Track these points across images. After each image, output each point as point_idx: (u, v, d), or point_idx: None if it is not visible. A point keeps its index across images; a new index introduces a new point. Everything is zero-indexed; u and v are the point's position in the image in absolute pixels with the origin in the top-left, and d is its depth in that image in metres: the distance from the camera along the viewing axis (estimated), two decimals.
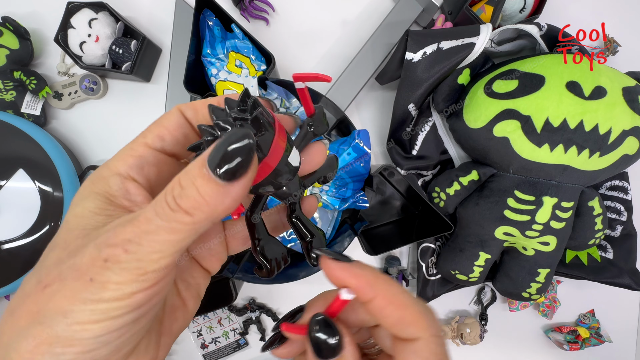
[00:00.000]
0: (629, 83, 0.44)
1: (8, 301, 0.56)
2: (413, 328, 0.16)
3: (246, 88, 0.17)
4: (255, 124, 0.16)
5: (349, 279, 0.17)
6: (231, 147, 0.14)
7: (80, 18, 0.50)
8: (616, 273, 0.51)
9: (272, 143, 0.16)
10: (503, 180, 0.47)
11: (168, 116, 0.19)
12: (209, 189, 0.14)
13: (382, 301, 0.16)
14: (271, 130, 0.16)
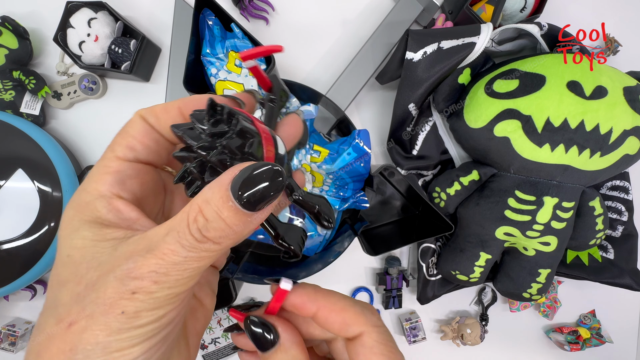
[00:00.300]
0: (630, 83, 0.44)
1: (7, 301, 0.56)
2: (355, 326, 0.18)
3: (210, 98, 0.16)
4: (241, 135, 0.16)
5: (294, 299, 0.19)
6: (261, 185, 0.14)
7: (79, 17, 0.49)
8: (617, 273, 0.51)
9: (264, 146, 0.16)
10: (504, 180, 0.47)
11: (132, 125, 0.18)
12: (237, 220, 0.15)
13: (324, 311, 0.18)
14: (257, 134, 0.16)
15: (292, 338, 0.18)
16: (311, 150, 0.47)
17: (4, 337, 0.54)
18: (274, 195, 0.15)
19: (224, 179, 0.15)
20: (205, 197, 0.15)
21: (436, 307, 0.59)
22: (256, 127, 0.16)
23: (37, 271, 0.50)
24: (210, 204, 0.15)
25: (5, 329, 0.55)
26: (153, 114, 0.18)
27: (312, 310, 0.19)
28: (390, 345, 0.18)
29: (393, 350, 0.18)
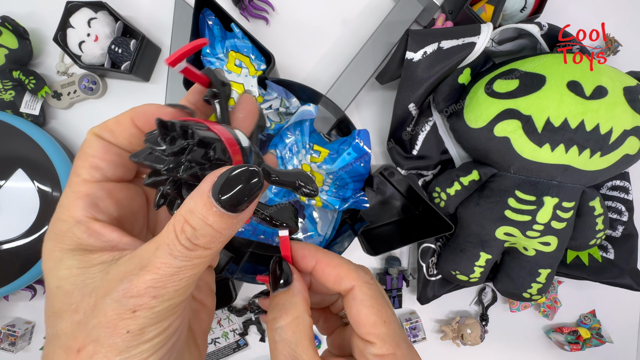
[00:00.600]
0: (630, 83, 0.44)
1: (7, 301, 0.56)
2: (347, 280, 0.20)
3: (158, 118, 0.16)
4: (202, 145, 0.16)
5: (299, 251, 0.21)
6: (241, 186, 0.15)
7: (79, 17, 0.49)
8: (617, 273, 0.51)
9: (228, 147, 0.16)
10: (504, 180, 0.47)
11: (89, 145, 0.18)
12: (223, 223, 0.15)
13: (321, 265, 0.20)
14: (217, 137, 0.16)
15: (300, 288, 0.20)
16: (311, 150, 0.47)
17: (3, 337, 0.54)
18: (255, 194, 0.15)
19: (203, 187, 0.15)
20: (188, 207, 0.15)
21: (436, 307, 0.59)
22: (213, 131, 0.16)
23: (37, 271, 0.50)
24: (195, 213, 0.15)
25: (5, 329, 0.55)
26: (106, 129, 0.18)
27: (311, 263, 0.20)
28: (379, 300, 0.19)
29: (382, 304, 0.19)
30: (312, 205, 0.50)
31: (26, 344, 0.57)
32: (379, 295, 0.20)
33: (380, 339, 0.19)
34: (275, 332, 0.19)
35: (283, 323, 0.19)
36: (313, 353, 0.19)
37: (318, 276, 0.20)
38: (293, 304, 0.19)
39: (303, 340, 0.19)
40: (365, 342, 0.19)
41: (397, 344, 0.19)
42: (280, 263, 0.21)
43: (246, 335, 0.58)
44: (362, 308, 0.19)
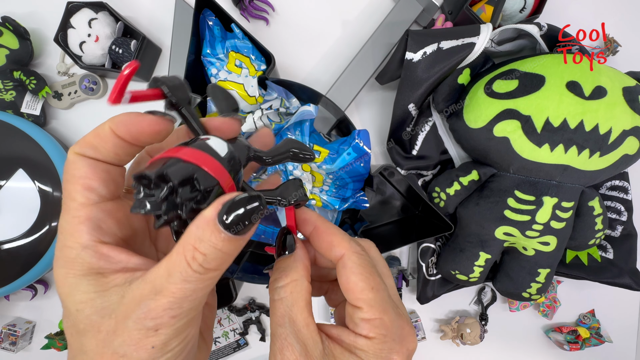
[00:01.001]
0: (629, 83, 0.44)
1: (8, 301, 0.56)
2: (338, 248, 0.20)
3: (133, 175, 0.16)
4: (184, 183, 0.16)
5: (302, 214, 0.22)
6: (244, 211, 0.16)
7: (80, 18, 0.50)
8: (616, 273, 0.51)
9: (207, 170, 0.17)
10: (503, 180, 0.47)
11: (75, 166, 0.17)
12: (232, 246, 0.16)
13: (317, 231, 0.21)
14: (194, 167, 0.16)
15: (302, 255, 0.21)
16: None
17: (4, 337, 0.54)
18: (257, 216, 0.16)
19: (207, 215, 0.16)
20: (196, 236, 0.16)
21: (436, 307, 0.59)
22: (188, 160, 0.16)
23: (37, 271, 0.50)
24: (205, 241, 0.16)
25: (6, 328, 0.55)
26: (88, 146, 0.18)
27: (309, 228, 0.21)
28: (368, 268, 0.20)
29: (371, 272, 0.20)
30: (312, 205, 0.50)
31: (27, 344, 0.57)
32: (368, 264, 0.20)
33: (368, 304, 0.19)
34: (275, 292, 0.20)
35: (282, 283, 0.20)
36: (307, 314, 0.19)
37: (314, 242, 0.21)
38: (293, 267, 0.20)
39: (299, 300, 0.19)
40: (354, 307, 0.20)
41: (384, 310, 0.19)
42: (285, 231, 0.21)
43: (246, 334, 0.59)
44: (351, 275, 0.20)
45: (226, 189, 0.17)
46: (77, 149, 0.18)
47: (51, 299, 0.58)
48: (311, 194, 0.49)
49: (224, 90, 0.22)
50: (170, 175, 0.16)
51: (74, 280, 0.17)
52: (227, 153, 0.18)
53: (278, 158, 0.21)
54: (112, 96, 0.17)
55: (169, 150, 0.17)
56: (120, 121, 0.17)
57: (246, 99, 0.46)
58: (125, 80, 0.17)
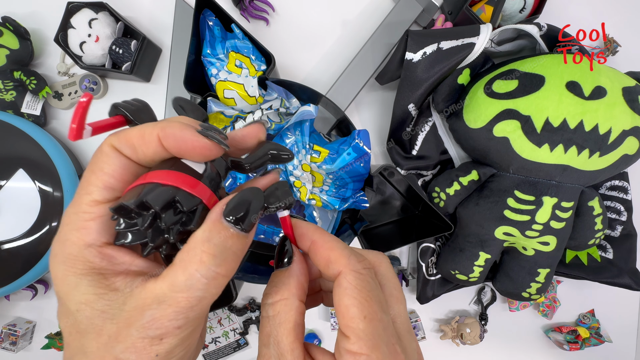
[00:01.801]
0: (629, 83, 0.44)
1: (8, 301, 0.56)
2: (335, 265, 0.18)
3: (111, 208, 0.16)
4: (166, 207, 0.16)
5: (298, 229, 0.20)
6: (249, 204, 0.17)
7: (80, 18, 0.50)
8: (616, 273, 0.51)
9: (187, 190, 0.16)
10: (503, 180, 0.47)
11: (106, 160, 0.17)
12: (240, 244, 0.16)
13: (316, 246, 0.19)
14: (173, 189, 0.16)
15: (297, 271, 0.20)
16: (311, 150, 0.47)
17: (4, 337, 0.54)
18: (259, 208, 0.17)
19: (212, 216, 0.16)
20: (203, 238, 0.16)
21: (436, 307, 0.59)
22: (166, 183, 0.16)
23: (38, 271, 0.50)
24: (212, 240, 0.16)
25: (6, 328, 0.55)
26: (128, 144, 0.17)
27: (307, 243, 0.20)
28: (365, 292, 0.18)
29: (368, 298, 0.18)
30: (312, 205, 0.50)
31: (27, 344, 0.57)
32: (367, 286, 0.18)
33: (356, 334, 0.17)
34: (264, 308, 0.19)
35: (271, 300, 0.19)
36: (293, 338, 0.18)
37: (313, 257, 0.20)
38: (285, 284, 0.19)
39: (286, 322, 0.18)
40: (342, 334, 0.18)
41: (375, 346, 0.17)
42: (284, 242, 0.20)
43: (246, 334, 0.59)
44: (344, 297, 0.18)
45: (210, 205, 0.17)
46: (114, 142, 0.17)
47: (51, 299, 0.58)
48: (311, 194, 0.49)
49: (190, 102, 0.22)
50: (151, 201, 0.15)
51: (74, 279, 0.16)
52: (205, 169, 0.18)
53: (258, 163, 0.20)
54: (72, 133, 0.16)
55: (145, 176, 0.17)
56: (172, 134, 0.16)
57: (246, 99, 0.46)
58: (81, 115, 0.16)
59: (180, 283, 0.16)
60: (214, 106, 0.46)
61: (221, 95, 0.47)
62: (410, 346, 0.19)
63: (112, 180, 0.17)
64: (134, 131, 0.17)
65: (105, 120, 0.18)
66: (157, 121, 0.17)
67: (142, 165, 0.17)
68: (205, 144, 0.17)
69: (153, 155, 0.17)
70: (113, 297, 0.16)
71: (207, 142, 0.17)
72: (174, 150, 0.17)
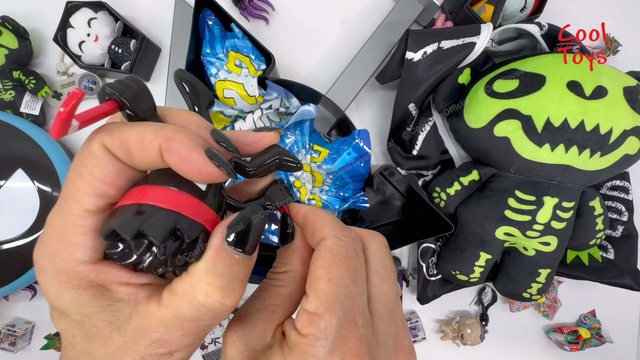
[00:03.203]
0: (630, 83, 0.44)
1: (7, 301, 0.56)
2: (319, 232, 0.18)
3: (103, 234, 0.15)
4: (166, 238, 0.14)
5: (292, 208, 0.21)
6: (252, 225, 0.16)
7: (79, 17, 0.49)
8: (617, 273, 0.51)
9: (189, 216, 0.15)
10: (504, 180, 0.47)
11: (96, 162, 0.15)
12: (246, 269, 0.16)
13: (307, 219, 0.20)
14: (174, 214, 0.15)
15: (299, 246, 0.20)
16: (311, 150, 0.47)
17: (3, 337, 0.54)
18: (263, 228, 0.17)
19: (214, 243, 0.15)
20: (206, 268, 0.15)
21: (436, 307, 0.59)
22: (166, 207, 0.14)
23: None
24: (218, 271, 0.15)
25: (5, 329, 0.55)
26: (123, 148, 0.15)
27: (301, 219, 0.20)
28: (339, 257, 0.17)
29: (340, 262, 0.17)
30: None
31: (26, 344, 0.57)
32: (342, 253, 0.17)
33: (316, 294, 0.16)
34: (269, 276, 0.20)
35: (277, 271, 0.20)
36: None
37: (304, 231, 0.20)
38: (290, 259, 0.20)
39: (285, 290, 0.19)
40: (305, 294, 0.17)
41: (332, 309, 0.16)
42: (285, 219, 0.20)
43: None
44: (317, 259, 0.17)
45: (212, 228, 0.16)
46: (108, 143, 0.15)
47: None
48: (311, 194, 0.49)
49: (196, 80, 0.19)
50: (151, 234, 0.14)
51: (72, 295, 0.15)
52: (208, 185, 0.16)
53: (263, 168, 0.19)
54: (54, 131, 0.13)
55: (142, 190, 0.15)
56: (177, 152, 0.15)
57: (246, 98, 0.46)
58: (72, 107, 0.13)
59: (187, 315, 0.15)
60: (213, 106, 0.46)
61: (221, 95, 0.46)
62: (386, 330, 0.17)
63: (104, 187, 0.15)
64: (132, 133, 0.15)
65: (94, 108, 0.14)
66: (160, 125, 0.15)
67: (135, 170, 0.16)
68: (212, 171, 0.15)
69: (149, 165, 0.15)
70: (119, 308, 0.15)
71: (214, 169, 0.15)
72: (176, 168, 0.15)
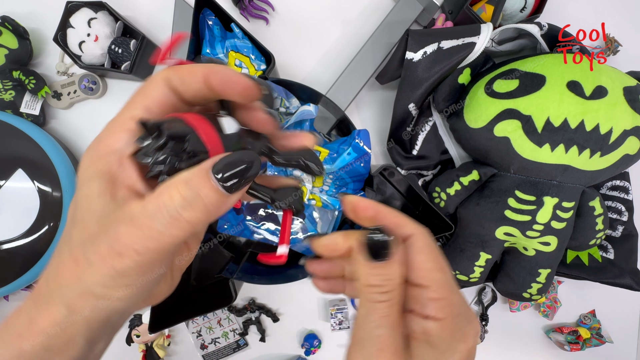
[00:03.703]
0: (630, 83, 0.44)
1: (7, 301, 0.56)
2: (407, 227, 0.20)
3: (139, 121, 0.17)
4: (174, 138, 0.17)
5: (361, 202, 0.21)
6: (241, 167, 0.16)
7: (79, 17, 0.49)
8: (617, 273, 0.51)
9: (202, 136, 0.17)
10: (504, 180, 0.47)
11: (153, 86, 0.19)
12: (214, 199, 0.17)
13: (381, 215, 0.21)
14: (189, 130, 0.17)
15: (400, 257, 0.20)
16: None
17: None
18: (250, 177, 0.17)
19: (204, 165, 0.17)
20: (183, 177, 0.17)
21: None
22: (189, 122, 0.17)
23: (37, 271, 0.50)
24: (189, 183, 0.16)
25: None
26: (179, 76, 0.19)
27: (371, 212, 0.21)
28: (435, 249, 0.20)
29: (437, 254, 0.20)
30: (312, 205, 0.50)
31: None
32: (434, 245, 0.20)
33: (436, 283, 0.19)
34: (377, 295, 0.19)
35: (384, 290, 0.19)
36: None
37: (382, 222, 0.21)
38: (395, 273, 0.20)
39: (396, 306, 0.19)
40: (421, 287, 0.19)
41: (452, 291, 0.19)
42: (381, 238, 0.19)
43: (246, 335, 0.58)
44: (419, 254, 0.19)
45: None
46: (170, 73, 0.18)
47: None
48: (311, 194, 0.49)
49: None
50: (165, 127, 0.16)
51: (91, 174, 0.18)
52: (234, 133, 0.19)
53: (289, 162, 0.21)
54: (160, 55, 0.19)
55: (180, 114, 0.18)
56: (218, 71, 0.18)
57: None
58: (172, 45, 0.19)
59: (149, 210, 0.17)
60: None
61: None
62: None
63: (152, 105, 0.19)
64: (185, 67, 0.19)
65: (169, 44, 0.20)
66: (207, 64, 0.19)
67: (184, 101, 0.19)
68: (247, 83, 0.18)
69: (195, 92, 0.19)
70: (109, 202, 0.18)
71: (249, 81, 0.18)
72: (218, 87, 0.18)
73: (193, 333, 0.58)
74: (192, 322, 0.58)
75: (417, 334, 0.19)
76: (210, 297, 0.49)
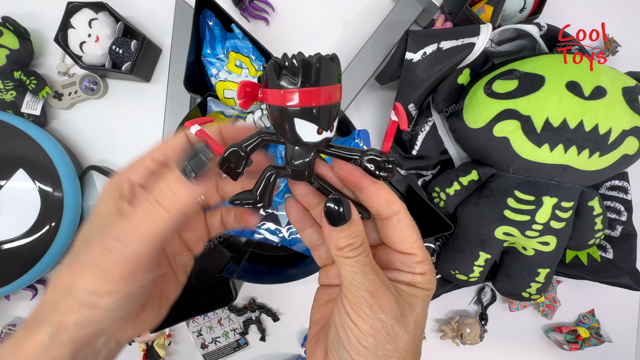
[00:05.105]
0: (629, 83, 0.44)
1: (8, 301, 0.56)
2: (395, 204, 0.23)
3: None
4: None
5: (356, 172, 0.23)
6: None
7: (80, 18, 0.50)
8: (616, 273, 0.51)
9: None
10: (503, 180, 0.47)
11: (175, 138, 0.24)
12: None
13: (375, 187, 0.23)
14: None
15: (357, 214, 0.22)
16: None
17: (4, 337, 0.54)
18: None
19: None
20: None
21: (436, 307, 0.59)
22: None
23: (38, 271, 0.50)
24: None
25: (6, 328, 0.55)
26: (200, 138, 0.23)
27: (367, 183, 0.23)
28: (414, 223, 0.23)
29: (416, 226, 0.24)
30: None
31: None
32: (413, 220, 0.24)
33: (420, 250, 0.23)
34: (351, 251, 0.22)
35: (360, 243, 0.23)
36: None
37: (370, 196, 0.23)
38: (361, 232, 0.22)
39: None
40: (408, 255, 0.23)
41: (427, 255, 0.24)
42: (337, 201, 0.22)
43: (246, 334, 0.59)
44: (407, 229, 0.23)
45: None
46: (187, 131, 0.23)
47: None
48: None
49: None
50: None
51: (108, 197, 0.23)
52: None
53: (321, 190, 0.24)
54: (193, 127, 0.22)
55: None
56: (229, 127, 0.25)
57: None
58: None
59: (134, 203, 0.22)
60: (214, 106, 0.46)
61: (221, 95, 0.47)
62: None
63: (169, 150, 0.24)
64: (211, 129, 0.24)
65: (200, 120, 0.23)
66: None
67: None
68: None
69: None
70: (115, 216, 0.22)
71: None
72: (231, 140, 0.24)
73: (193, 332, 0.58)
74: (193, 321, 0.58)
75: (405, 282, 0.23)
76: (211, 296, 0.49)
